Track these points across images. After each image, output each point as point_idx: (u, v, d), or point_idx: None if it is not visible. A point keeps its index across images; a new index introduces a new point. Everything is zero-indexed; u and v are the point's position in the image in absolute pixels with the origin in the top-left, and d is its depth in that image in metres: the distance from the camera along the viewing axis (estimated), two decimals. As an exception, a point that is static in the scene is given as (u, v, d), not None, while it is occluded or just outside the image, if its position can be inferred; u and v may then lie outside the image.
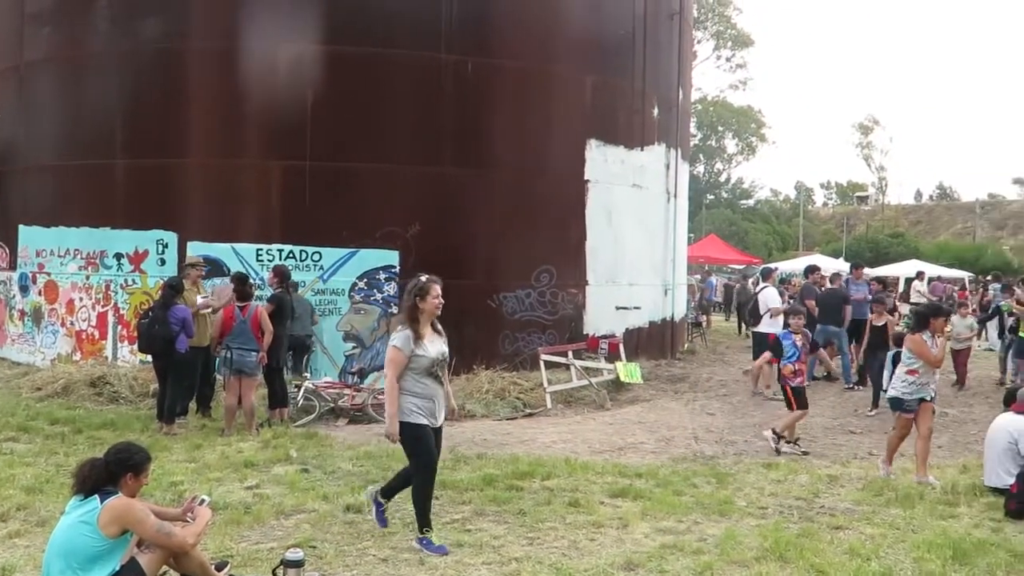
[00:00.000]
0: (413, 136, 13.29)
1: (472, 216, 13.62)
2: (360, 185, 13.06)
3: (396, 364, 5.91)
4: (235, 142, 13.26)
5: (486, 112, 13.78)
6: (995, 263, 49.14)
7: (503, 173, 13.92)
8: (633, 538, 6.15)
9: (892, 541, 6.16)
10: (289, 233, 12.90)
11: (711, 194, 67.13)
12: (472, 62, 13.56)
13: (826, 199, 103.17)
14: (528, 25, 14.19)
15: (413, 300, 6.04)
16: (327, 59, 12.99)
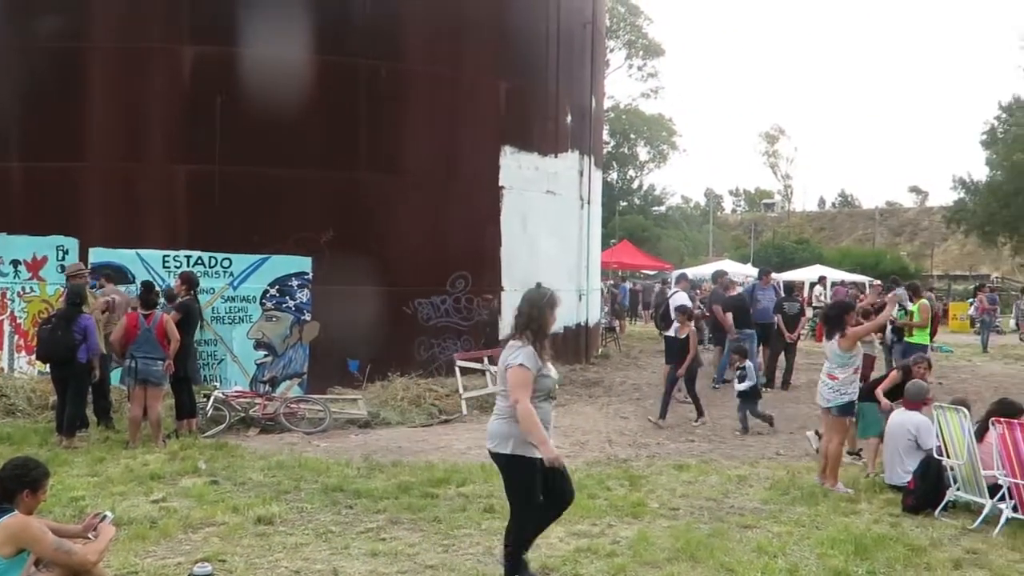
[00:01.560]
0: (326, 141, 13.10)
1: (387, 222, 13.51)
2: (272, 190, 12.83)
3: (527, 386, 4.95)
4: (139, 145, 12.86)
5: (400, 117, 13.69)
6: (893, 268, 51.20)
7: (418, 179, 13.86)
8: (548, 542, 6.17)
9: (798, 538, 6.34)
10: (197, 239, 12.57)
11: (624, 200, 67.98)
12: (386, 67, 13.47)
13: (735, 206, 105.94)
14: (442, 31, 14.16)
15: (542, 312, 5.17)
16: (236, 62, 12.72)
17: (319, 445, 10.02)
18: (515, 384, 4.97)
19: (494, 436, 5.14)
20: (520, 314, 5.21)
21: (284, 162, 12.86)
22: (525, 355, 5.01)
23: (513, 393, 4.96)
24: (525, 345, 5.06)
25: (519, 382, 4.96)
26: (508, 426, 5.03)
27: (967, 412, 7.22)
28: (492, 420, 5.22)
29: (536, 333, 5.10)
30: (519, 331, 5.16)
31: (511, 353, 5.08)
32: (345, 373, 12.89)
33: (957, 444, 7.18)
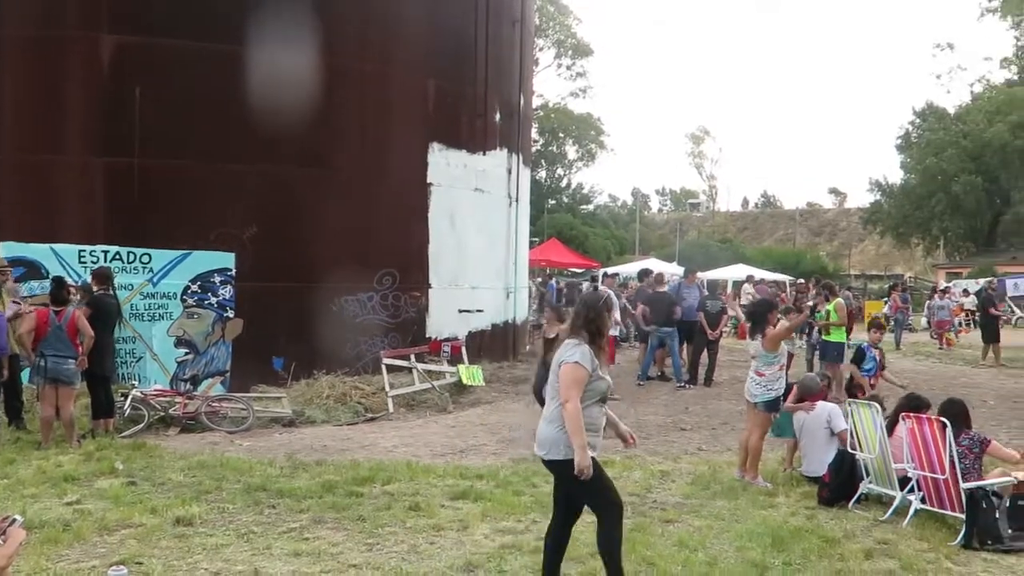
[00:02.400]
0: (251, 135, 12.85)
1: (313, 218, 13.35)
2: (194, 185, 12.56)
3: (579, 385, 4.76)
4: (53, 137, 12.46)
5: (327, 113, 13.53)
6: (813, 268, 52.60)
7: (345, 175, 13.73)
8: (473, 539, 6.20)
9: (717, 532, 6.48)
10: (115, 234, 12.20)
11: (552, 199, 68.38)
12: (312, 60, 13.28)
13: (661, 205, 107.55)
14: (370, 27, 14.06)
15: (600, 314, 4.99)
16: (158, 52, 12.42)
17: (242, 444, 9.85)
18: (568, 382, 4.78)
19: (544, 443, 4.90)
20: (577, 315, 5.05)
21: (207, 156, 12.61)
22: (582, 354, 4.82)
23: (564, 391, 4.77)
24: (580, 343, 4.88)
25: (572, 380, 4.77)
26: (559, 432, 4.81)
27: (879, 407, 7.46)
28: (541, 426, 4.97)
29: (593, 334, 4.93)
30: (574, 330, 4.98)
31: (567, 351, 4.88)
32: (269, 371, 12.69)
33: (869, 438, 7.41)
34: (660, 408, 12.47)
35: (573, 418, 4.70)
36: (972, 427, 7.23)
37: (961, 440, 6.87)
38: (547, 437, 4.89)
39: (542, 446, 4.94)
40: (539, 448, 4.98)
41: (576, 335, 4.94)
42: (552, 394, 4.95)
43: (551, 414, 4.90)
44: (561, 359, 4.87)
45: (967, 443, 6.90)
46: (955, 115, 57.20)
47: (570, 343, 4.92)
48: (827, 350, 13.30)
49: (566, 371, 4.80)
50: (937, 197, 52.56)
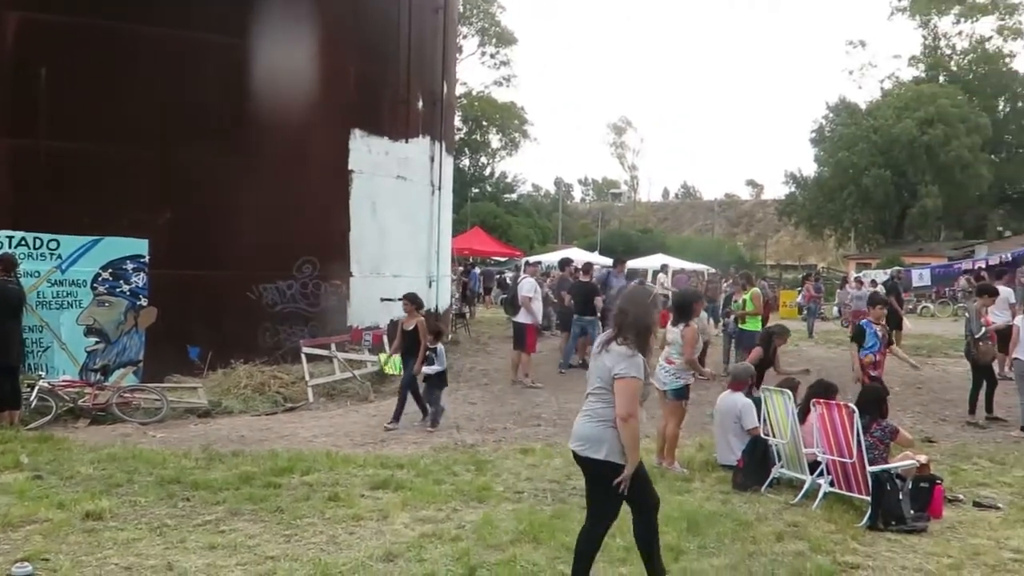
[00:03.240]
0: (166, 119, 12.48)
1: (230, 204, 13.06)
2: (105, 169, 12.13)
3: (638, 397, 4.72)
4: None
5: (246, 96, 13.23)
6: (731, 258, 53.81)
7: (264, 160, 13.44)
8: (393, 529, 6.17)
9: (635, 517, 6.57)
10: (21, 218, 11.73)
11: (476, 187, 68.42)
12: (230, 43, 12.98)
13: (584, 195, 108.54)
14: (290, 11, 13.80)
15: (649, 313, 4.85)
16: (64, 31, 11.94)
17: (155, 436, 9.62)
18: (629, 398, 4.65)
19: (584, 439, 4.80)
20: (622, 313, 4.85)
21: (118, 139, 12.20)
22: (637, 366, 4.68)
23: (626, 407, 4.63)
24: (635, 354, 4.70)
25: (631, 395, 4.66)
26: (602, 430, 4.73)
27: (791, 394, 7.68)
28: (583, 421, 4.87)
29: (640, 335, 4.77)
30: (621, 333, 4.79)
31: (620, 361, 4.69)
32: (185, 361, 12.39)
33: (781, 424, 7.63)
34: (581, 396, 12.38)
35: (634, 436, 4.68)
36: (888, 415, 7.49)
37: (873, 431, 7.13)
38: (588, 434, 4.80)
39: (582, 441, 4.83)
40: (577, 442, 4.88)
41: (623, 338, 4.76)
42: (595, 394, 4.85)
43: (596, 412, 4.80)
44: (616, 371, 4.68)
45: (879, 434, 7.15)
46: (866, 110, 59.03)
47: (622, 352, 4.72)
48: (743, 339, 13.56)
49: (623, 387, 4.65)
50: (848, 190, 54.24)
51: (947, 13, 62.27)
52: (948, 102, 52.22)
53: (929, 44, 63.82)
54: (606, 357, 4.79)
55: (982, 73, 60.32)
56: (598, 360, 4.87)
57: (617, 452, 4.69)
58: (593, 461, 4.76)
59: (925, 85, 57.33)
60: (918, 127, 50.93)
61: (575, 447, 4.90)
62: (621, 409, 4.64)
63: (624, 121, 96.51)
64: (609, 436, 4.70)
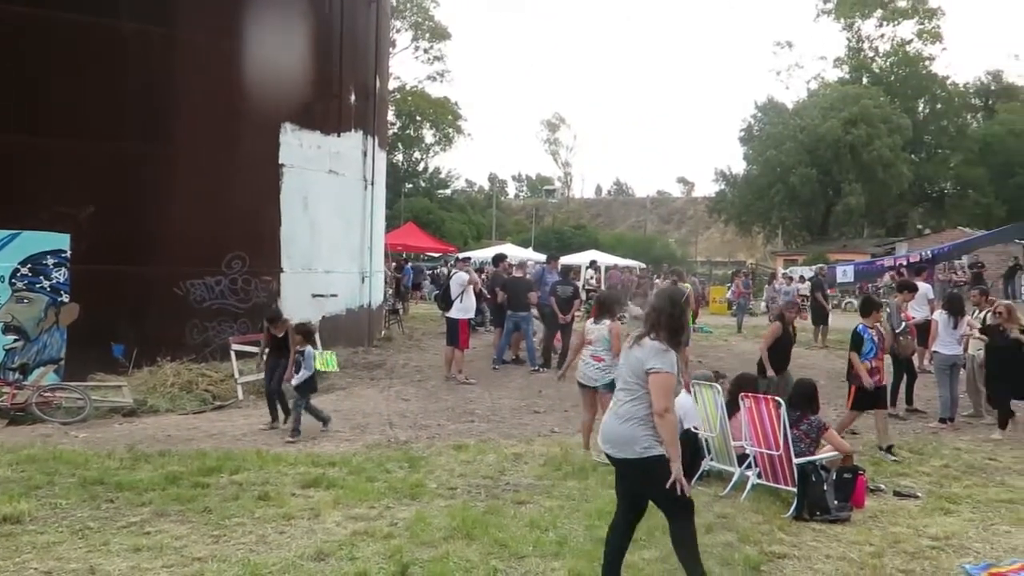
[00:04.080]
0: (89, 109, 12.16)
1: (157, 197, 12.78)
2: (23, 160, 11.75)
3: (672, 392, 4.68)
4: None
5: (173, 87, 12.94)
6: (663, 254, 54.53)
7: (190, 153, 13.18)
8: (324, 528, 6.10)
9: (568, 512, 6.62)
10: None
11: (409, 183, 68.02)
12: (157, 32, 12.69)
13: (518, 191, 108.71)
14: (219, 2, 13.54)
15: (683, 312, 4.84)
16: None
17: (77, 436, 9.35)
18: (662, 392, 4.62)
19: (617, 441, 4.75)
20: (656, 311, 4.81)
21: (38, 130, 11.84)
22: (671, 362, 4.68)
23: (661, 402, 4.60)
24: (668, 350, 4.70)
25: (666, 390, 4.63)
26: (633, 428, 4.68)
27: (720, 388, 7.81)
28: (613, 422, 4.81)
29: (673, 333, 4.75)
30: (654, 329, 4.76)
31: (653, 355, 4.68)
32: (109, 359, 12.07)
33: (711, 418, 7.76)
34: (514, 392, 12.63)
35: (671, 429, 4.63)
36: (819, 409, 7.65)
37: (802, 425, 7.29)
38: (619, 434, 4.75)
39: (613, 444, 4.79)
40: (608, 445, 4.84)
41: (656, 334, 4.75)
42: (625, 390, 4.80)
43: (624, 411, 4.75)
44: (649, 366, 4.67)
45: (806, 428, 7.31)
46: (793, 110, 60.36)
47: (655, 347, 4.71)
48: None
49: (657, 381, 4.64)
50: (776, 188, 55.39)
51: (870, 16, 64.08)
52: (871, 103, 53.71)
53: (853, 46, 65.55)
54: (638, 351, 4.77)
55: (903, 75, 62.18)
56: (629, 355, 4.83)
57: (653, 444, 4.65)
58: (628, 461, 4.71)
59: (849, 86, 58.85)
60: (842, 127, 52.26)
61: (609, 450, 4.85)
62: (657, 404, 4.62)
63: (558, 118, 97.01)
64: (641, 433, 4.66)
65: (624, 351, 4.94)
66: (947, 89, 64.02)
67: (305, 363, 9.57)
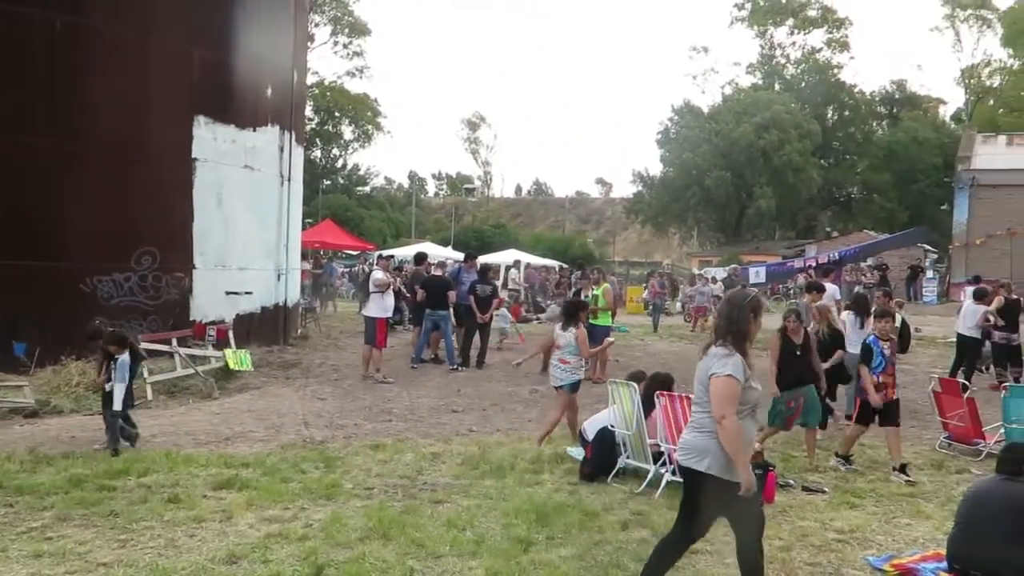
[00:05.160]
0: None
1: (62, 191, 12.31)
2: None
3: (735, 400, 4.48)
4: None
5: (80, 78, 12.49)
6: (581, 253, 55.01)
7: (99, 146, 12.74)
8: (237, 530, 5.97)
9: (486, 510, 6.63)
10: None
11: (328, 179, 67.16)
12: (63, 20, 12.23)
13: (437, 189, 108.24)
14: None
15: (745, 315, 4.66)
16: None
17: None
18: (722, 397, 4.47)
19: (689, 449, 4.63)
20: (722, 316, 4.76)
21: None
22: (734, 365, 4.51)
23: (720, 407, 4.46)
24: (732, 353, 4.55)
25: (727, 395, 4.47)
26: (707, 440, 4.54)
27: (636, 387, 7.92)
28: (689, 432, 4.71)
29: (738, 337, 4.61)
30: (720, 335, 4.67)
31: (716, 361, 4.57)
32: (9, 358, 11.59)
33: (627, 416, 7.86)
34: (433, 391, 12.58)
35: (733, 437, 4.45)
36: None
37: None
38: (695, 445, 4.61)
39: (685, 451, 4.67)
40: (680, 451, 4.73)
41: (723, 340, 4.65)
42: (697, 402, 4.70)
43: (700, 423, 4.62)
44: (711, 370, 4.57)
45: None
46: (708, 114, 61.65)
47: (719, 352, 4.61)
48: (595, 335, 13.75)
49: (717, 385, 4.50)
50: (692, 190, 56.52)
51: (782, 24, 66.00)
52: (782, 108, 55.29)
53: (766, 53, 67.38)
54: (705, 360, 4.68)
55: (813, 82, 64.15)
56: (700, 365, 4.74)
57: (722, 466, 4.49)
58: (696, 473, 4.57)
59: (762, 92, 60.48)
60: (755, 132, 53.62)
61: (678, 456, 4.80)
62: (715, 409, 4.49)
63: (478, 117, 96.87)
64: (714, 448, 4.51)
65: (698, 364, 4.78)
66: (854, 97, 66.39)
67: (119, 373, 8.45)
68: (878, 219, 58.12)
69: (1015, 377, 12.90)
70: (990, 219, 34.92)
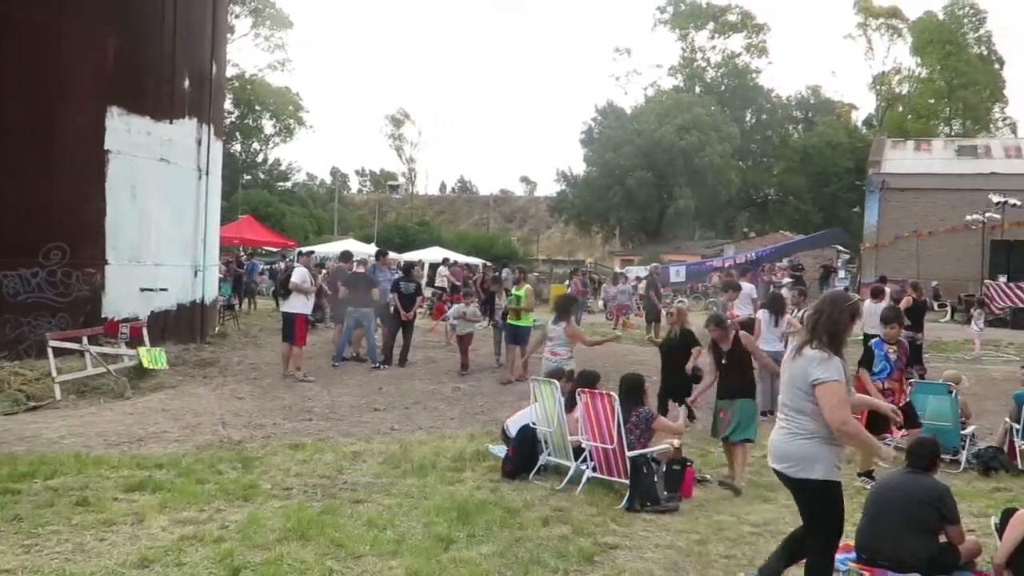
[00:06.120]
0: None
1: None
2: None
3: (847, 401, 4.42)
4: None
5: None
6: (505, 252, 55.16)
7: (7, 135, 12.27)
8: (149, 533, 5.81)
9: (407, 509, 6.58)
10: None
11: (248, 174, 65.86)
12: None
13: (361, 186, 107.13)
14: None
15: (843, 317, 4.51)
16: None
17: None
18: (835, 404, 4.33)
19: (793, 458, 4.49)
20: (817, 314, 4.57)
21: None
22: (836, 368, 4.38)
23: (834, 415, 4.32)
24: (831, 356, 4.41)
25: (839, 400, 4.35)
26: (814, 447, 4.43)
27: (557, 384, 7.96)
28: (786, 438, 4.55)
29: (833, 337, 4.46)
30: (815, 335, 4.49)
31: (817, 367, 4.40)
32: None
33: (549, 413, 7.90)
34: (354, 389, 12.45)
35: (858, 436, 4.49)
36: (646, 402, 7.92)
37: (631, 417, 7.53)
38: (793, 452, 4.51)
39: (788, 462, 4.54)
40: (779, 461, 4.59)
41: (817, 341, 4.49)
42: (790, 406, 4.56)
43: (801, 428, 4.49)
44: (813, 376, 4.40)
45: (635, 419, 7.56)
46: (631, 115, 62.50)
47: (817, 356, 4.44)
48: (515, 335, 13.75)
49: (826, 393, 4.36)
50: (614, 190, 57.20)
51: (703, 28, 67.26)
52: (703, 111, 56.42)
53: (687, 56, 68.60)
54: (800, 362, 4.52)
55: (732, 86, 65.62)
56: (792, 368, 4.58)
57: (834, 470, 4.46)
58: (811, 482, 4.47)
59: (683, 94, 61.61)
60: (677, 133, 54.57)
61: (781, 467, 4.59)
62: (832, 418, 4.34)
63: (402, 113, 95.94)
64: (825, 453, 4.43)
65: (787, 363, 4.67)
66: (772, 101, 68.21)
67: None
68: (793, 220, 59.83)
69: (920, 374, 13.38)
70: (899, 221, 36.27)
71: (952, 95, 63.44)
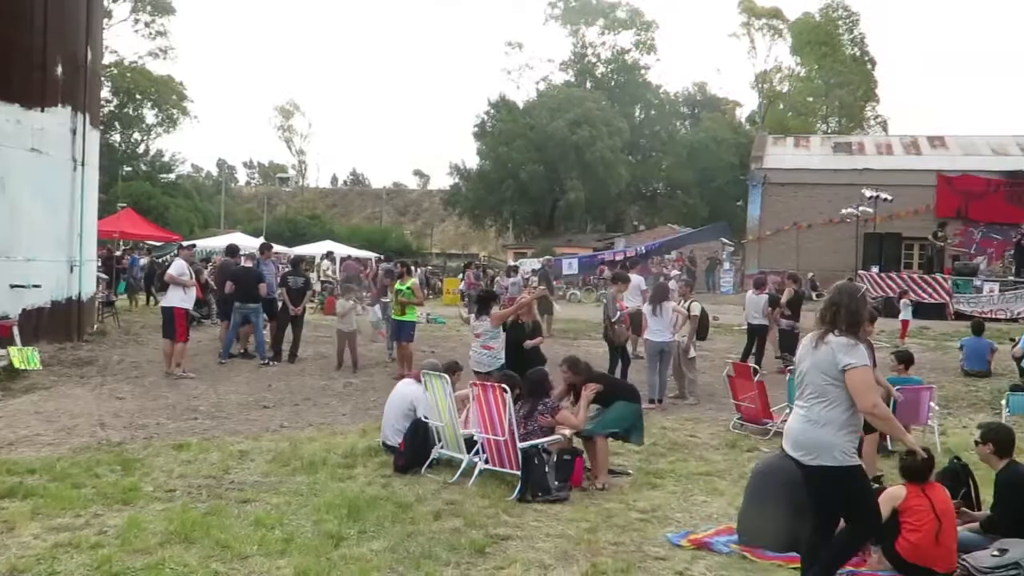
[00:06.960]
0: None
1: None
2: None
3: (875, 386, 4.60)
4: None
5: None
6: (398, 245, 54.79)
7: None
8: (20, 541, 5.53)
9: (296, 507, 6.46)
10: None
11: (128, 165, 63.33)
12: None
13: (249, 178, 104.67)
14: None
15: (860, 307, 4.64)
16: None
17: None
18: (866, 388, 4.45)
19: (810, 446, 4.56)
20: (834, 306, 4.61)
21: None
22: (863, 354, 4.49)
23: (865, 398, 4.44)
24: (856, 343, 4.50)
25: (867, 385, 4.47)
26: (831, 434, 4.50)
27: (448, 378, 7.95)
28: (804, 427, 4.61)
29: (852, 327, 4.55)
30: (835, 325, 4.57)
31: (845, 353, 4.47)
32: None
33: (440, 407, 7.88)
34: (242, 386, 12.15)
35: (888, 420, 4.68)
36: (550, 394, 7.97)
37: (540, 410, 7.59)
38: (813, 439, 4.56)
39: (806, 449, 4.59)
40: (800, 451, 4.63)
41: (839, 330, 4.57)
42: (815, 395, 4.61)
43: (818, 415, 4.57)
44: (843, 363, 4.48)
45: (541, 408, 7.63)
46: (524, 109, 62.80)
47: (843, 342, 4.52)
48: (401, 330, 13.60)
49: (856, 377, 4.46)
50: (507, 183, 57.47)
51: (593, 24, 68.16)
52: (594, 106, 57.18)
53: (578, 52, 69.38)
54: (824, 349, 4.59)
55: (622, 82, 66.75)
56: (814, 356, 4.64)
57: (847, 454, 4.54)
58: (824, 468, 4.55)
59: (575, 89, 62.29)
60: (568, 127, 55.14)
61: (796, 455, 4.66)
62: (863, 402, 4.47)
63: (292, 105, 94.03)
64: (841, 440, 4.52)
65: (807, 352, 4.74)
66: (660, 97, 69.76)
67: None
68: (681, 214, 61.36)
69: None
70: (779, 214, 37.66)
71: (829, 94, 66.27)
